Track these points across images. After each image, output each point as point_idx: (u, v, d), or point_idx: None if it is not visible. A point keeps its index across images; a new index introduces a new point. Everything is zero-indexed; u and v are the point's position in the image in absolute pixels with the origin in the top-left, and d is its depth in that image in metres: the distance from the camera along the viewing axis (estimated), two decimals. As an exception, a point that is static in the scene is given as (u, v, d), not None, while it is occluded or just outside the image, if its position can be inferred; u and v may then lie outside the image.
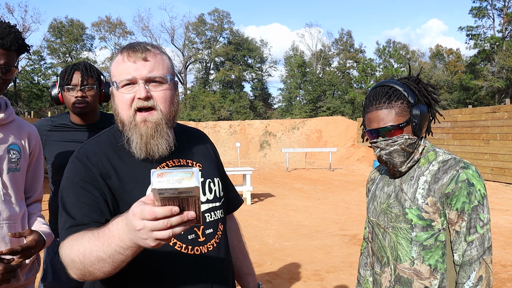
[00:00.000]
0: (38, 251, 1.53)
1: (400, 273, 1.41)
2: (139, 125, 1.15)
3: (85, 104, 2.01)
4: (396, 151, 1.39)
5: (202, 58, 46.12)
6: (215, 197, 1.29)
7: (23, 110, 34.00)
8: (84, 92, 2.01)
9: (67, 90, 2.02)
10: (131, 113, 1.15)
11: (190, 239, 1.18)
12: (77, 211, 1.10)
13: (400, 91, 1.39)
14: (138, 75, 1.14)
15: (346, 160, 18.92)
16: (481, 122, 11.94)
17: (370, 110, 1.41)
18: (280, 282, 4.20)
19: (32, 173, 1.72)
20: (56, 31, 41.98)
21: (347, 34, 48.10)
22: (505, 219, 7.06)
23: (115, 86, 1.17)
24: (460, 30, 37.42)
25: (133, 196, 1.14)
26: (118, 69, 1.16)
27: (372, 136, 1.43)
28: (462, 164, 1.34)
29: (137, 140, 1.16)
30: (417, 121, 1.37)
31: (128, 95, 1.15)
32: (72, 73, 2.01)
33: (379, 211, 1.49)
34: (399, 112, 1.37)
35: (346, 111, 39.27)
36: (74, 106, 2.02)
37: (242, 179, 9.33)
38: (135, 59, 1.14)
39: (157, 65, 1.16)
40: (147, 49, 1.16)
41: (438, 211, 1.35)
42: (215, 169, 1.36)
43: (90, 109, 2.05)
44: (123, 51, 1.17)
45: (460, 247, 1.33)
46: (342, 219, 7.25)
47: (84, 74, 2.01)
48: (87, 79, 2.01)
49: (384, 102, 1.38)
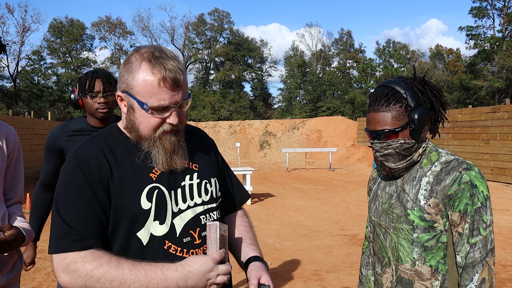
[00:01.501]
0: (16, 247, 1.51)
1: (401, 274, 1.41)
2: (163, 140, 1.18)
3: (107, 109, 2.18)
4: (390, 154, 1.38)
5: (202, 58, 46.12)
6: (211, 198, 1.29)
7: (23, 110, 33.98)
8: (106, 98, 2.17)
9: (90, 97, 2.17)
10: (157, 134, 1.17)
11: (185, 242, 1.19)
12: (78, 223, 1.10)
13: (401, 94, 1.36)
14: (174, 103, 1.14)
15: (346, 160, 18.92)
16: (481, 122, 11.94)
17: (369, 111, 1.41)
18: (280, 282, 4.20)
19: (11, 175, 1.69)
20: (56, 31, 41.97)
21: (347, 34, 48.11)
22: (505, 219, 7.06)
23: (144, 107, 1.13)
24: (460, 30, 37.45)
25: (128, 198, 1.15)
26: (150, 91, 1.12)
27: (370, 136, 1.43)
28: (465, 165, 1.33)
29: (160, 155, 1.18)
30: (414, 126, 1.34)
31: (158, 119, 1.16)
32: (94, 80, 2.17)
33: (381, 211, 1.48)
34: (396, 116, 1.35)
35: (346, 111, 39.27)
36: (97, 112, 2.18)
37: (242, 179, 9.33)
38: (171, 86, 1.12)
39: (185, 88, 1.18)
40: (181, 71, 1.14)
41: (440, 212, 1.34)
42: (213, 169, 1.35)
43: (110, 113, 2.23)
44: (154, 69, 1.11)
45: (463, 249, 1.32)
46: (342, 219, 7.25)
47: (106, 82, 2.18)
48: (108, 86, 2.18)
49: (383, 104, 1.36)
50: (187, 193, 1.23)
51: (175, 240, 1.17)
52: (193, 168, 1.28)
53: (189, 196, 1.23)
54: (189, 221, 1.21)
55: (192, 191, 1.24)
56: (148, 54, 1.14)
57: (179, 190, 1.22)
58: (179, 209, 1.20)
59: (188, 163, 1.26)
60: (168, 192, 1.19)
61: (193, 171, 1.27)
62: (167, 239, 1.16)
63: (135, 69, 1.14)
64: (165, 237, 1.16)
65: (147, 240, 1.15)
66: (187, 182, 1.24)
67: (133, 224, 1.15)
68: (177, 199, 1.20)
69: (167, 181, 1.20)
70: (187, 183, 1.24)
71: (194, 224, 1.21)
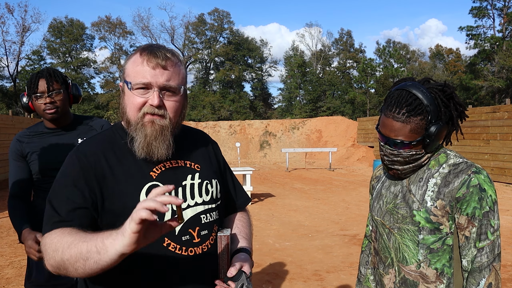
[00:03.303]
0: None
1: (405, 276, 1.39)
2: (146, 125, 1.16)
3: (55, 109, 2.05)
4: (398, 161, 1.37)
5: (202, 58, 46.14)
6: (211, 199, 1.29)
7: (22, 110, 33.94)
8: (52, 97, 2.04)
9: (35, 98, 2.05)
10: (139, 115, 1.16)
11: (184, 240, 1.19)
12: (63, 208, 1.12)
13: (424, 107, 1.30)
14: (155, 81, 1.15)
15: (346, 160, 18.92)
16: (481, 122, 11.93)
17: (387, 115, 1.34)
18: (280, 282, 4.19)
19: None
20: (56, 31, 41.99)
21: (347, 34, 48.15)
22: (505, 219, 7.05)
23: (128, 86, 1.17)
24: (460, 30, 37.48)
25: (127, 195, 1.16)
26: (135, 70, 1.16)
27: (382, 139, 1.39)
28: (474, 168, 1.32)
29: (140, 139, 1.17)
30: (429, 140, 1.32)
31: (140, 98, 1.16)
32: (37, 81, 2.04)
33: (385, 211, 1.46)
34: (414, 129, 1.31)
35: (346, 111, 39.29)
36: (45, 113, 2.05)
37: (242, 179, 9.32)
38: (154, 65, 1.15)
39: (174, 75, 1.18)
40: (168, 57, 1.17)
41: (446, 214, 1.32)
42: (214, 171, 1.36)
43: (61, 113, 2.08)
44: (143, 53, 1.17)
45: (470, 253, 1.31)
46: (342, 219, 7.24)
47: (49, 80, 2.04)
48: (52, 85, 2.04)
49: (403, 114, 1.30)
50: (188, 193, 1.23)
51: (174, 238, 1.17)
52: (195, 168, 1.29)
53: (190, 195, 1.24)
54: (188, 219, 1.21)
55: (193, 190, 1.25)
56: (145, 45, 1.21)
57: (180, 189, 1.22)
58: None
59: (190, 163, 1.28)
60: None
61: (195, 171, 1.28)
62: (166, 236, 1.16)
63: (130, 56, 1.22)
64: (164, 234, 1.15)
65: None
66: (189, 182, 1.25)
67: None
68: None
69: (167, 179, 1.20)
70: (188, 183, 1.25)
71: (194, 223, 1.22)
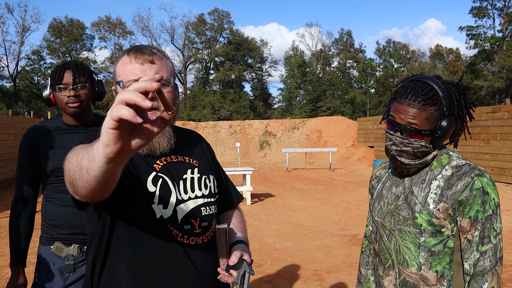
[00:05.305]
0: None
1: (406, 278, 1.38)
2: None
3: (78, 103, 1.92)
4: (406, 152, 1.34)
5: (202, 58, 46.12)
6: (210, 193, 1.35)
7: (22, 110, 33.97)
8: (76, 91, 1.92)
9: (58, 90, 1.92)
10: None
11: (186, 229, 1.24)
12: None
13: (439, 97, 1.30)
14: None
15: (346, 160, 18.91)
16: (481, 122, 11.92)
17: (401, 102, 1.33)
18: (280, 282, 4.18)
19: None
20: (56, 31, 41.98)
21: (347, 34, 48.14)
22: (505, 219, 7.05)
23: (120, 85, 1.21)
24: (460, 30, 37.48)
25: (133, 189, 1.18)
26: (125, 70, 1.22)
27: (391, 127, 1.37)
28: (477, 171, 1.30)
29: None
30: (440, 133, 1.31)
31: None
32: (63, 72, 1.91)
33: (386, 212, 1.45)
34: (429, 117, 1.30)
35: (346, 111, 39.29)
36: (67, 106, 1.92)
37: (242, 179, 9.31)
38: (142, 61, 1.21)
39: (162, 67, 1.23)
40: (153, 52, 1.23)
41: (449, 217, 1.31)
42: (210, 167, 1.42)
43: (84, 108, 1.96)
44: (129, 53, 1.23)
45: (472, 256, 1.30)
46: (342, 219, 7.23)
47: (76, 73, 1.92)
48: (79, 78, 1.92)
49: (420, 102, 1.30)
50: (188, 185, 1.29)
51: (177, 225, 1.22)
52: (194, 163, 1.35)
53: (190, 188, 1.29)
54: (190, 210, 1.26)
55: (193, 184, 1.31)
56: (130, 46, 1.28)
57: (181, 182, 1.28)
58: (182, 198, 1.26)
59: (189, 159, 1.35)
60: (172, 182, 1.25)
61: (194, 166, 1.34)
62: (169, 223, 1.21)
63: (118, 59, 1.28)
64: (167, 220, 1.21)
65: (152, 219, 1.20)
66: (189, 176, 1.31)
67: (139, 204, 1.19)
68: (180, 190, 1.27)
69: (169, 172, 1.26)
70: (188, 176, 1.31)
71: (195, 214, 1.27)
